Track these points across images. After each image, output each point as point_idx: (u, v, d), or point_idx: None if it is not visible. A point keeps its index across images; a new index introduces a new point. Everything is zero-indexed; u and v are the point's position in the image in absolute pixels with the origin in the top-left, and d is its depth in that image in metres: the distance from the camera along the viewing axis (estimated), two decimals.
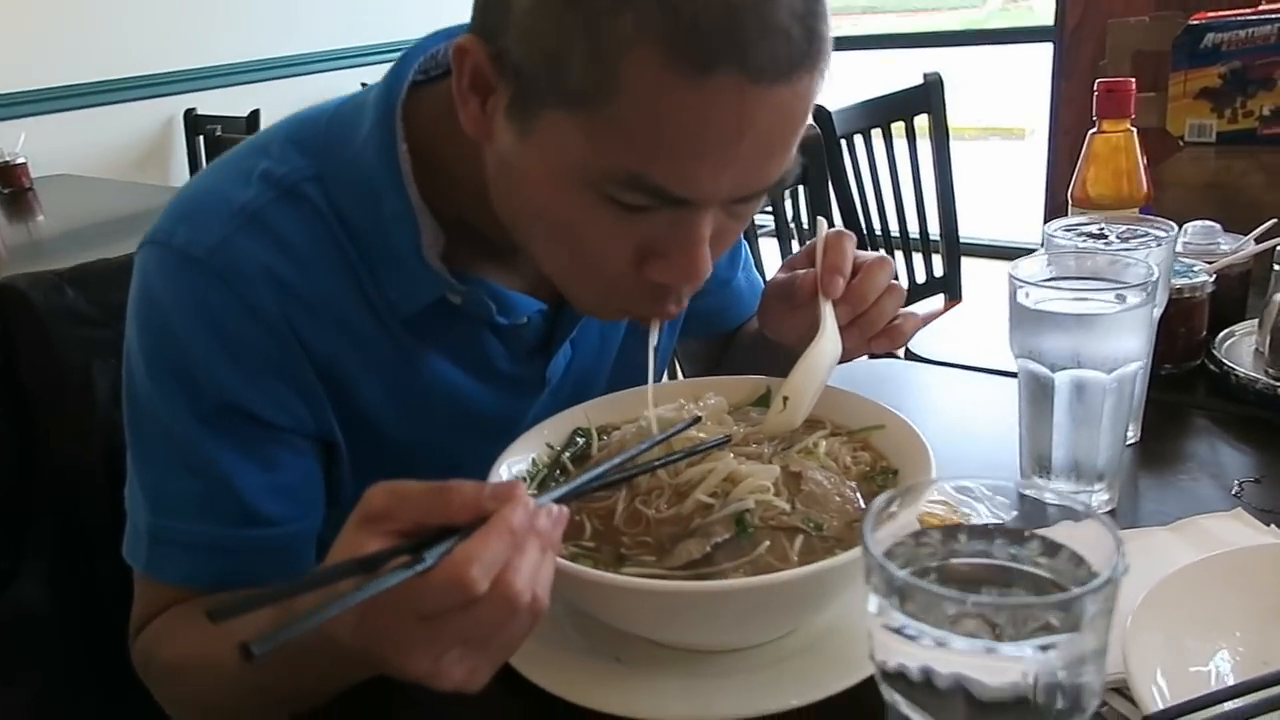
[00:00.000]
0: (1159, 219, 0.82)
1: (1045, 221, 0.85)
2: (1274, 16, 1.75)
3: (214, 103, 3.45)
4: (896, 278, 0.75)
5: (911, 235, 2.14)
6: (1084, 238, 0.82)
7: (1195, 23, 1.82)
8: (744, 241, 0.99)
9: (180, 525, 0.68)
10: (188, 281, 0.66)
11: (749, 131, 0.55)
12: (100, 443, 1.03)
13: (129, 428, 0.71)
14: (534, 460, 0.70)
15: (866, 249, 2.11)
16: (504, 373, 0.76)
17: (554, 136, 0.57)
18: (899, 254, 2.11)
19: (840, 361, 0.72)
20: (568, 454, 0.70)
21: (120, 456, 0.74)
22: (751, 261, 1.01)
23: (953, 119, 2.19)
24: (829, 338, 0.71)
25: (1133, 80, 1.01)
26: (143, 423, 0.69)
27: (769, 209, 1.75)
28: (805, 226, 1.86)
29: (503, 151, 0.61)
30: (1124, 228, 0.82)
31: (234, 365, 0.66)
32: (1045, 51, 2.83)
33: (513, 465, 0.68)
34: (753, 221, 1.70)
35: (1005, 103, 7.06)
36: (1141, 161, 1.04)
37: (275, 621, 0.44)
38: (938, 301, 2.21)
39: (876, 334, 0.74)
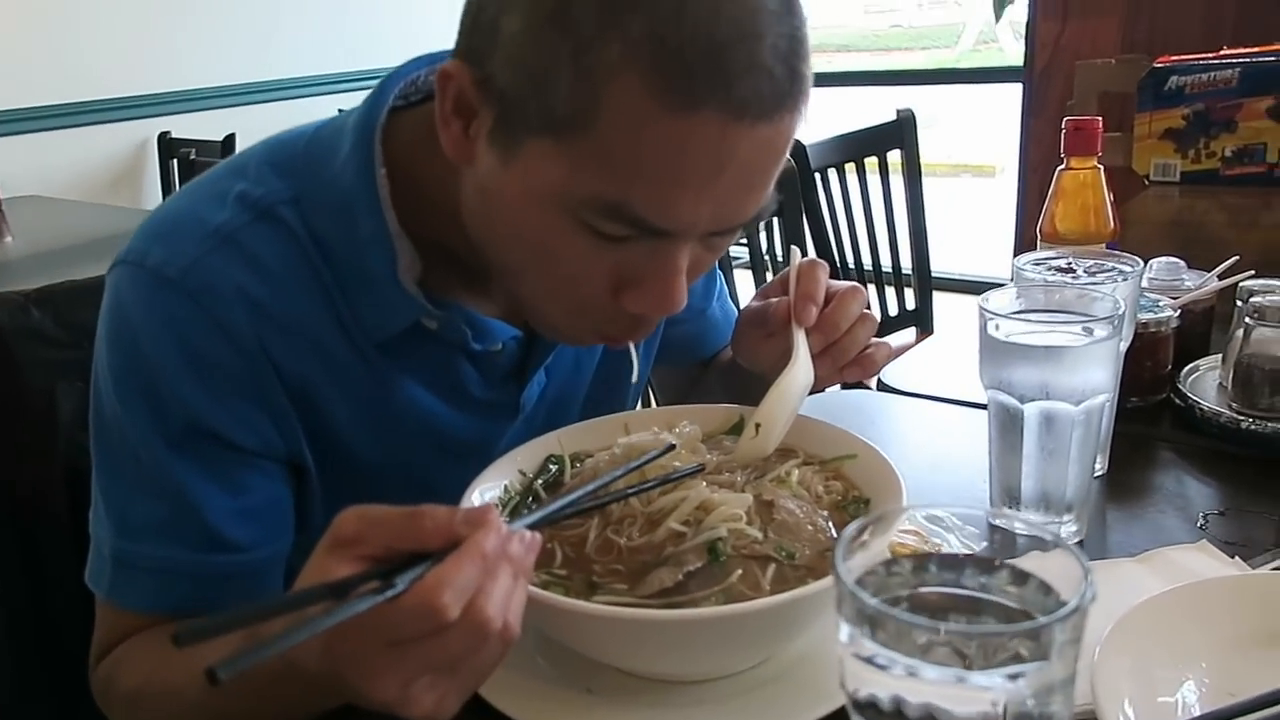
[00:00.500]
0: (1125, 254, 0.83)
1: (1015, 256, 0.86)
2: (1235, 61, 1.80)
3: (189, 126, 3.43)
4: (869, 307, 0.76)
5: (884, 269, 2.17)
6: (1052, 271, 0.84)
7: (1160, 65, 1.87)
8: (719, 271, 1.00)
9: (145, 549, 0.67)
10: (160, 301, 0.65)
11: (729, 166, 0.56)
12: (62, 466, 1.02)
13: (95, 449, 0.69)
14: (506, 487, 0.69)
15: (839, 279, 2.12)
16: (478, 398, 0.76)
17: (536, 162, 0.58)
18: (872, 287, 2.14)
19: (812, 390, 0.73)
20: (540, 481, 0.70)
21: (83, 480, 0.72)
22: (726, 291, 1.02)
23: (925, 156, 2.23)
24: (801, 366, 0.71)
25: (1099, 119, 1.03)
26: (110, 444, 0.68)
27: (743, 241, 1.76)
28: (780, 258, 1.87)
29: (483, 175, 0.62)
30: (1091, 262, 0.84)
31: (204, 386, 0.65)
32: (1015, 91, 2.89)
33: (485, 492, 0.67)
34: (727, 252, 1.71)
35: (976, 141, 7.18)
36: (1108, 198, 1.06)
37: (242, 647, 0.43)
38: (910, 334, 2.23)
39: (849, 362, 0.74)
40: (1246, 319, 0.90)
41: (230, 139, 3.01)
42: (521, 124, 0.57)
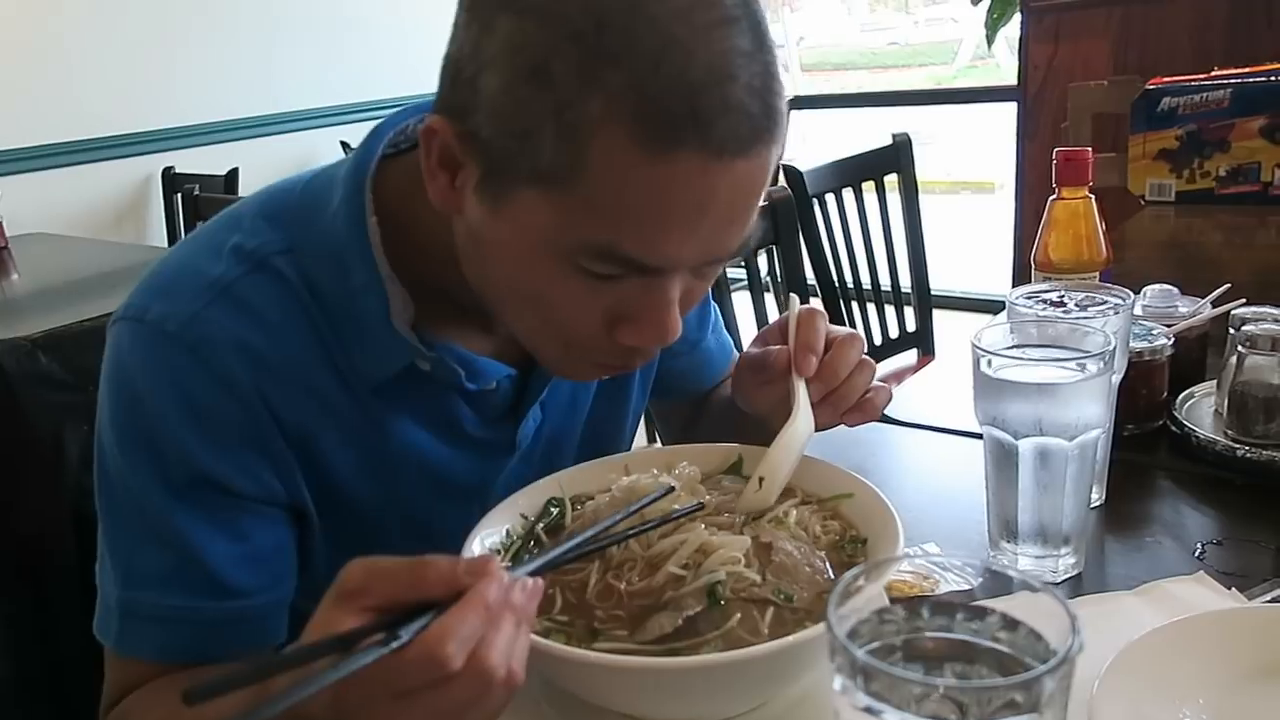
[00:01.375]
0: (1116, 287, 0.84)
1: (1014, 276, 0.87)
2: (1227, 82, 1.82)
3: (192, 161, 3.46)
4: (867, 352, 0.77)
5: (884, 289, 2.18)
6: (1044, 305, 0.85)
7: (1152, 87, 1.89)
8: (713, 304, 1.02)
9: (150, 598, 0.68)
10: (160, 355, 0.67)
11: (712, 203, 0.58)
12: (69, 509, 1.03)
13: (100, 503, 0.71)
14: (509, 531, 0.70)
15: (839, 306, 2.12)
16: (473, 437, 0.77)
17: (525, 212, 0.59)
18: (872, 309, 2.15)
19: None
20: (542, 525, 0.71)
21: (89, 523, 0.73)
22: (721, 323, 1.03)
23: (923, 174, 2.24)
24: (803, 417, 0.72)
25: (1089, 150, 1.04)
26: (114, 496, 0.70)
27: (742, 264, 1.77)
28: (779, 280, 1.88)
29: (473, 225, 0.63)
30: (1083, 295, 0.85)
31: (205, 436, 0.67)
32: (1011, 109, 2.91)
33: (486, 537, 0.68)
34: (725, 276, 1.74)
35: (975, 158, 7.21)
36: (1100, 226, 1.07)
37: (250, 702, 0.44)
38: (911, 356, 2.24)
39: (850, 409, 0.75)
40: (1239, 347, 0.91)
41: (234, 173, 3.04)
42: (508, 177, 0.59)
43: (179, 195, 3.24)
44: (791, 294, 0.81)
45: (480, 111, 0.58)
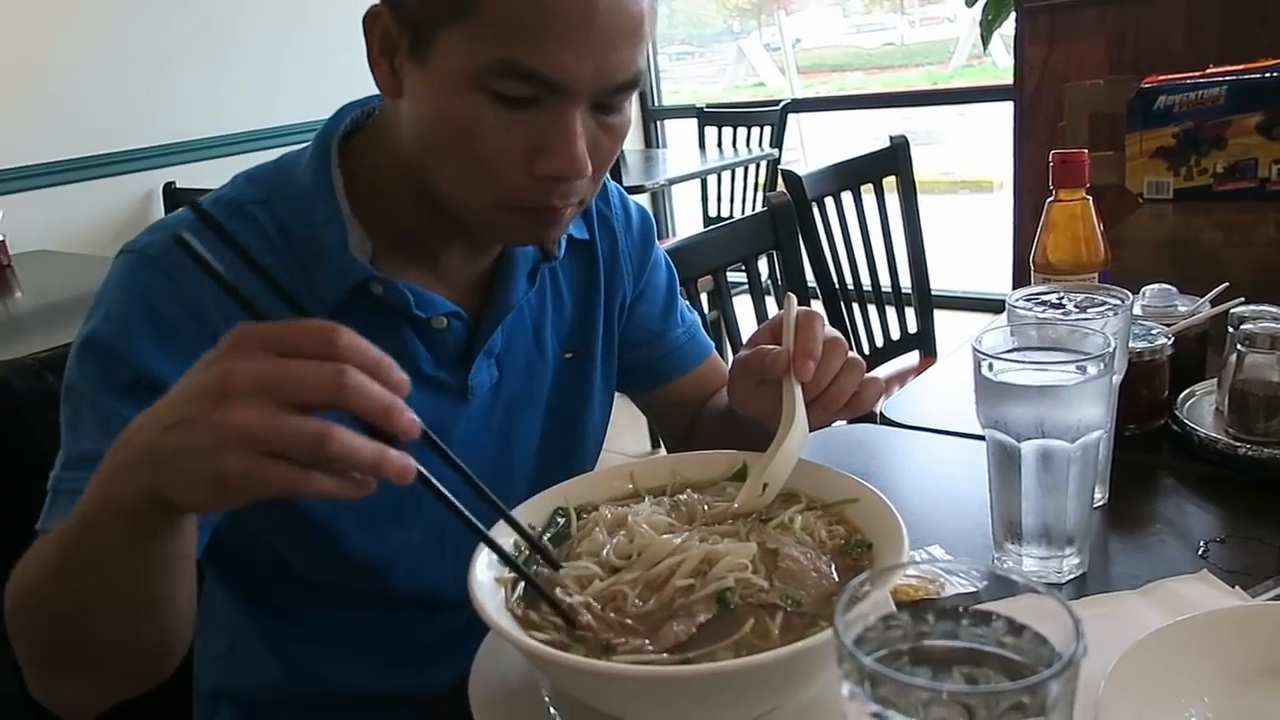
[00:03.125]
0: (1114, 288, 0.85)
1: (1014, 275, 0.88)
2: (1222, 79, 1.82)
3: (193, 176, 3.47)
4: (868, 353, 0.78)
5: (884, 290, 2.18)
6: (1044, 307, 0.85)
7: (1148, 85, 1.89)
8: (689, 308, 1.08)
9: (77, 475, 0.71)
10: (137, 273, 0.76)
11: (591, 20, 0.68)
12: None
13: (61, 411, 0.76)
14: (515, 543, 0.70)
15: (840, 309, 2.12)
16: (428, 375, 0.83)
17: (445, 54, 0.70)
18: (873, 311, 2.15)
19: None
20: (548, 534, 0.71)
21: None
22: (698, 324, 1.08)
23: (922, 173, 2.25)
24: (800, 421, 0.73)
25: (1085, 151, 1.05)
26: (70, 399, 0.75)
27: (742, 268, 1.77)
28: (780, 284, 1.89)
29: (413, 93, 0.74)
30: (1082, 296, 0.85)
31: (161, 345, 0.73)
32: (1008, 109, 2.92)
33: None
34: (725, 281, 1.75)
35: (973, 156, 7.22)
36: (1098, 227, 1.07)
37: None
38: (913, 358, 2.24)
39: (840, 407, 0.77)
40: (1239, 346, 0.91)
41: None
42: (429, 27, 0.70)
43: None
44: (789, 294, 0.81)
45: None
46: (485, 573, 0.65)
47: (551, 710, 0.64)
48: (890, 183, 2.18)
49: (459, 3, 0.68)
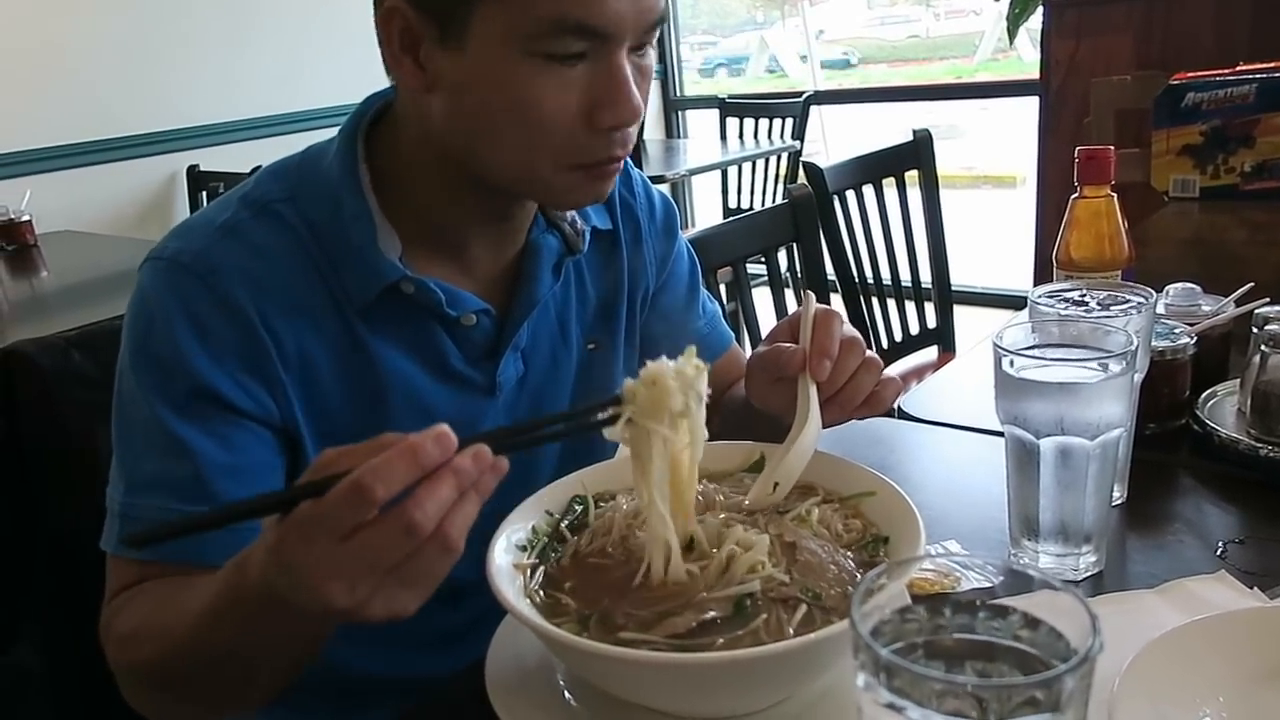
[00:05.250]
0: (1138, 286, 0.84)
1: (1035, 272, 0.87)
2: (1251, 77, 1.80)
3: (216, 159, 3.50)
4: (887, 348, 0.78)
5: (904, 284, 2.17)
6: (1066, 304, 0.85)
7: (1175, 82, 1.87)
8: (710, 298, 1.08)
9: (146, 501, 0.74)
10: (174, 282, 0.76)
11: None
12: (101, 506, 1.05)
13: (114, 424, 0.78)
14: (534, 528, 0.71)
15: (860, 303, 2.11)
16: (457, 372, 0.83)
17: (484, 29, 0.69)
18: (892, 305, 2.14)
19: (824, 427, 0.75)
20: (566, 521, 0.72)
21: None
22: (718, 315, 1.08)
23: (945, 168, 2.23)
24: (814, 420, 0.73)
25: (1111, 148, 1.04)
26: (125, 415, 0.77)
27: (762, 260, 1.77)
28: (800, 277, 1.89)
29: (448, 84, 0.72)
30: (1105, 294, 0.85)
31: (207, 353, 0.74)
32: (1033, 103, 2.89)
33: (513, 534, 0.69)
34: (745, 273, 1.75)
35: (997, 151, 7.16)
36: (1123, 225, 1.07)
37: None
38: (931, 353, 2.23)
39: (856, 405, 0.77)
40: (1262, 347, 0.91)
41: (256, 170, 3.07)
42: (460, 8, 0.69)
43: (204, 193, 3.29)
44: (808, 291, 0.81)
45: None
46: (503, 557, 0.65)
47: (567, 694, 0.64)
48: (912, 176, 2.17)
49: None
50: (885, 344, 2.12)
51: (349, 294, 0.78)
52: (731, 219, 1.72)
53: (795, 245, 1.79)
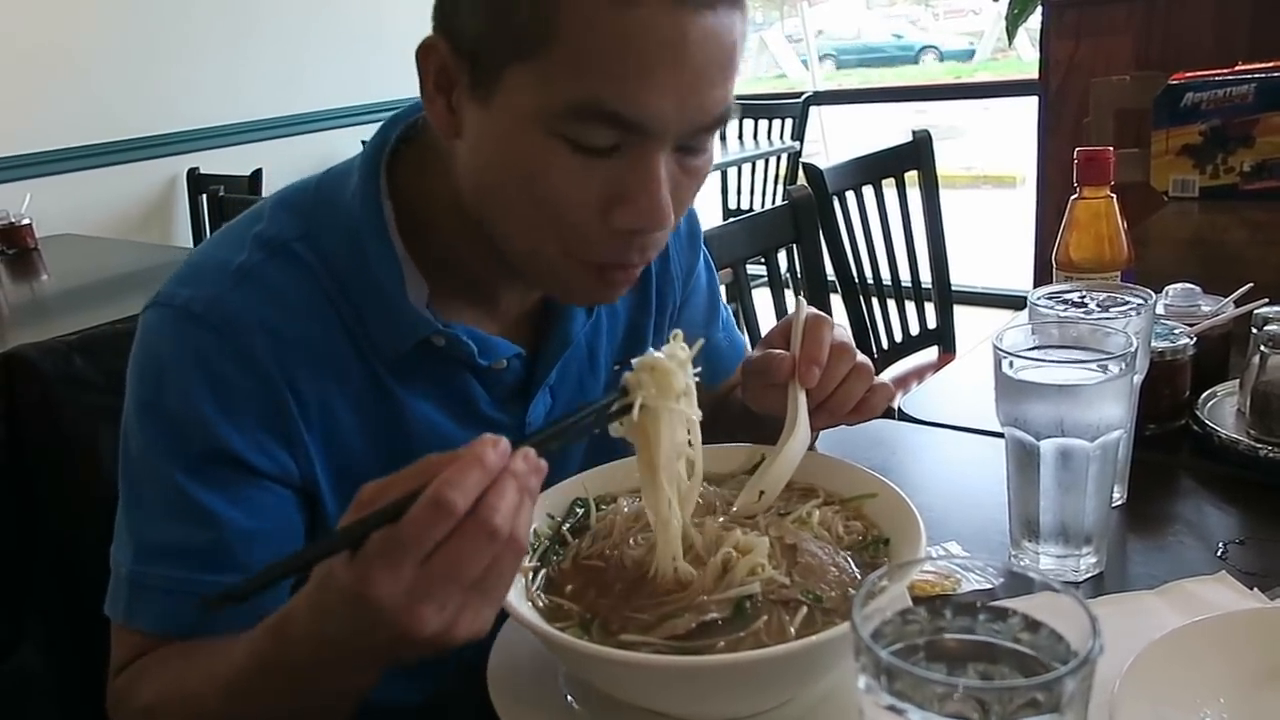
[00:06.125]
0: (1137, 287, 0.84)
1: (1035, 272, 0.88)
2: (1251, 76, 1.80)
3: (217, 162, 3.51)
4: (869, 347, 0.78)
5: (904, 286, 2.17)
6: (1066, 306, 0.85)
7: (1175, 82, 1.87)
8: (725, 305, 1.05)
9: (158, 570, 0.70)
10: (186, 334, 0.70)
11: (683, 55, 0.61)
12: (103, 510, 1.05)
13: (121, 480, 0.74)
14: (536, 531, 0.71)
15: (860, 303, 2.11)
16: (485, 417, 0.80)
17: (514, 92, 0.63)
18: (892, 306, 2.14)
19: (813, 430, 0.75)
20: (568, 524, 0.72)
21: None
22: (734, 324, 1.06)
23: (945, 168, 2.23)
24: (801, 428, 0.73)
25: (1110, 149, 1.04)
26: (133, 472, 0.72)
27: (762, 260, 1.77)
28: (800, 277, 1.89)
29: (472, 135, 0.67)
30: (1104, 295, 0.85)
31: (223, 411, 0.69)
32: (1033, 103, 2.90)
33: None
34: (745, 274, 1.75)
35: (997, 151, 7.16)
36: (1122, 226, 1.07)
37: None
38: (931, 354, 2.24)
39: (846, 412, 0.76)
40: (1262, 347, 0.91)
41: (257, 173, 3.07)
42: (493, 62, 0.63)
43: (204, 196, 3.29)
44: (798, 298, 0.81)
45: (463, 11, 0.64)
46: None
47: (569, 697, 0.65)
48: (912, 177, 2.17)
49: (531, 35, 0.60)
50: (885, 345, 2.12)
51: (375, 345, 0.73)
52: (731, 220, 1.72)
53: (795, 246, 1.79)
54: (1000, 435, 0.78)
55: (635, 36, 0.59)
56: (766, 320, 1.79)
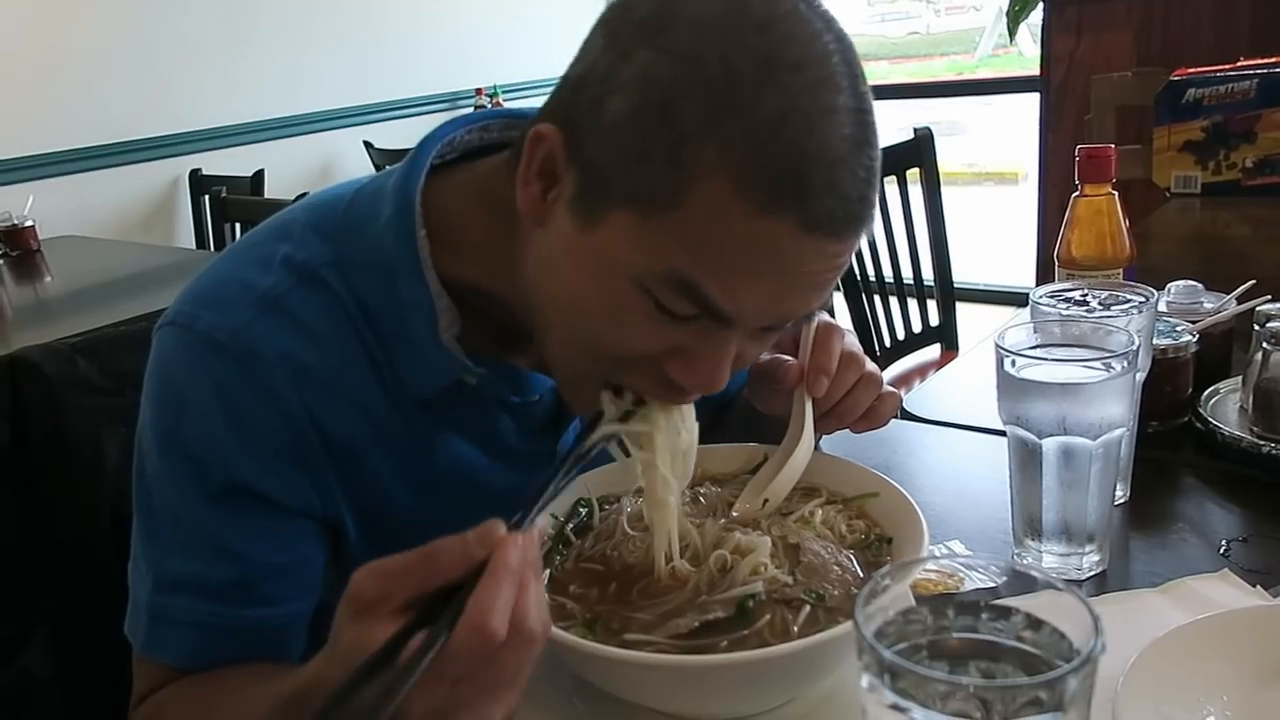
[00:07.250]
0: (1139, 285, 0.84)
1: (1037, 269, 0.88)
2: (1253, 72, 1.80)
3: (219, 163, 3.51)
4: (889, 347, 0.78)
5: (907, 284, 2.17)
6: (1068, 304, 0.85)
7: (1176, 78, 1.87)
8: None
9: (179, 603, 0.69)
10: (208, 364, 0.68)
11: (795, 274, 0.59)
12: (108, 512, 1.05)
13: (137, 506, 0.72)
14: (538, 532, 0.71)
15: (862, 300, 2.10)
16: (516, 449, 0.78)
17: (617, 233, 0.59)
18: (894, 303, 2.14)
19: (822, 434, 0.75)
20: (571, 525, 0.72)
21: (128, 525, 0.75)
22: None
23: (947, 165, 2.23)
24: (807, 435, 0.73)
25: (1112, 146, 1.04)
26: (151, 500, 0.71)
27: None
28: None
29: (556, 238, 0.63)
30: (1106, 294, 0.85)
31: (246, 446, 0.68)
32: (1034, 100, 2.89)
33: None
34: None
35: (999, 148, 7.16)
36: (1124, 223, 1.07)
37: None
38: (934, 352, 2.24)
39: (854, 420, 0.76)
40: (1264, 344, 0.91)
41: (259, 174, 3.08)
42: (607, 195, 0.59)
43: (206, 196, 3.29)
44: None
45: (596, 129, 0.59)
46: None
47: (573, 697, 0.65)
48: (914, 174, 2.17)
49: (654, 195, 0.57)
50: (888, 342, 2.12)
51: (406, 387, 0.71)
52: None
53: None
54: (1002, 433, 0.78)
55: (756, 242, 0.57)
56: None
